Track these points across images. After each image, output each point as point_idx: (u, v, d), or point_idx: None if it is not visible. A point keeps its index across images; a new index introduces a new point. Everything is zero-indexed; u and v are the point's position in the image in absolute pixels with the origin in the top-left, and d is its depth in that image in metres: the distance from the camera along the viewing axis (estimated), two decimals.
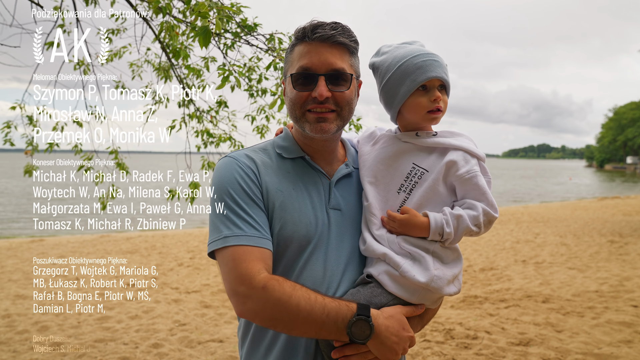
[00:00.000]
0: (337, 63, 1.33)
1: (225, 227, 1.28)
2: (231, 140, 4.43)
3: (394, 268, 1.32)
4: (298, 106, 1.36)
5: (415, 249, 1.33)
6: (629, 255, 8.29)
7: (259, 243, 1.27)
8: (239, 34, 3.56)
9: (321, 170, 1.44)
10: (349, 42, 1.35)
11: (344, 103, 1.36)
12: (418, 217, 1.33)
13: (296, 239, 1.33)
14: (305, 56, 1.34)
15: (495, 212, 1.35)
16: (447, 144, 1.38)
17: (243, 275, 1.22)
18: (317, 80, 1.33)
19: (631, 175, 68.84)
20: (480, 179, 1.35)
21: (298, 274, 1.33)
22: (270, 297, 1.19)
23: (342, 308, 1.22)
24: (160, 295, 6.04)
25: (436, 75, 1.36)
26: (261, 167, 1.38)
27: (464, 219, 1.31)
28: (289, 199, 1.35)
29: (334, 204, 1.41)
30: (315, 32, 1.32)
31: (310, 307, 1.20)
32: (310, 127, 1.35)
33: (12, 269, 7.32)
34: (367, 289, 1.33)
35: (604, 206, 18.24)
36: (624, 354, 4.02)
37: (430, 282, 1.30)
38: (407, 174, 1.39)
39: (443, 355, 4.13)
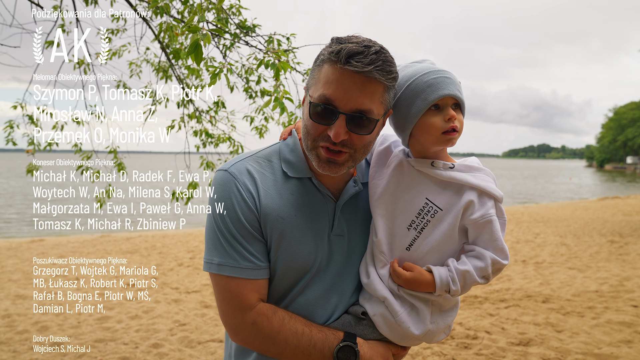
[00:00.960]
0: (365, 104, 1.17)
1: (219, 254, 1.27)
2: (230, 141, 4.43)
3: (391, 314, 1.30)
4: (311, 138, 1.24)
5: (415, 300, 1.31)
6: (629, 255, 8.29)
7: (252, 275, 1.27)
8: (238, 35, 3.57)
9: (328, 193, 1.34)
10: (386, 81, 1.19)
11: (360, 147, 1.23)
12: (423, 275, 1.28)
13: (293, 269, 1.31)
14: (332, 85, 1.18)
15: (504, 259, 1.28)
16: (464, 182, 1.28)
17: (235, 309, 1.27)
18: (337, 117, 1.18)
19: (631, 175, 68.84)
20: (495, 224, 1.28)
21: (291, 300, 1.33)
22: (259, 334, 1.25)
23: (328, 337, 1.27)
24: (160, 295, 6.04)
25: (449, 93, 1.26)
26: (262, 189, 1.29)
27: (470, 275, 1.26)
28: (290, 228, 1.29)
29: (337, 230, 1.35)
30: (350, 61, 1.14)
31: (297, 341, 1.25)
32: (319, 164, 1.25)
33: (12, 269, 7.32)
34: (360, 326, 1.33)
35: (604, 206, 18.24)
36: (624, 354, 4.02)
37: (424, 336, 1.31)
38: (420, 210, 1.30)
39: (443, 355, 4.13)
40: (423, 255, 1.30)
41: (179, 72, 4.28)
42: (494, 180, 1.34)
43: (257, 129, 4.30)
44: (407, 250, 1.31)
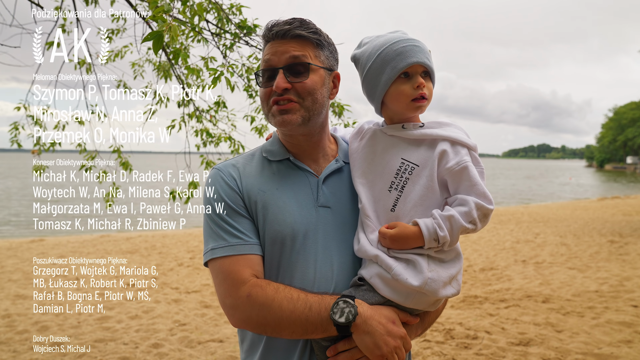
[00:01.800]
0: (295, 54, 1.32)
1: (212, 239, 1.33)
2: (231, 140, 4.44)
3: (386, 271, 1.26)
4: (265, 102, 1.37)
5: (408, 254, 1.28)
6: (629, 255, 8.29)
7: (241, 250, 1.30)
8: (239, 35, 3.57)
9: (308, 169, 1.41)
10: (307, 34, 1.33)
11: (305, 93, 1.33)
12: (408, 228, 1.27)
13: (280, 238, 1.32)
14: (267, 54, 1.36)
15: (488, 203, 1.26)
16: (435, 135, 1.32)
17: (229, 287, 1.27)
18: (277, 73, 1.33)
19: (631, 175, 68.84)
20: (472, 169, 1.28)
21: (288, 274, 1.32)
22: (255, 304, 1.24)
23: (325, 299, 1.24)
24: (160, 295, 6.04)
25: (417, 61, 1.30)
26: (243, 173, 1.39)
27: (456, 219, 1.24)
28: (272, 198, 1.35)
29: (322, 201, 1.38)
30: (271, 30, 1.34)
31: (292, 306, 1.22)
32: (275, 121, 1.35)
33: (12, 269, 7.32)
34: (359, 292, 1.29)
35: (604, 206, 18.24)
36: (624, 354, 4.02)
37: (424, 286, 1.24)
38: (397, 170, 1.32)
39: (443, 355, 4.13)
40: (407, 213, 1.31)
41: (179, 72, 4.28)
42: (466, 132, 1.37)
43: (257, 129, 4.30)
44: (391, 211, 1.32)
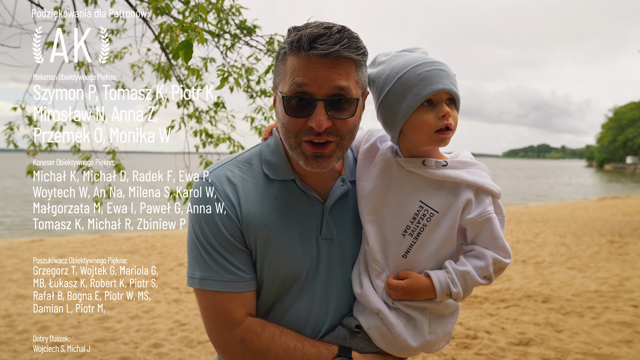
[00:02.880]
0: (341, 84, 1.09)
1: (200, 267, 1.20)
2: (230, 141, 4.44)
3: (387, 327, 1.22)
4: (293, 135, 1.14)
5: (411, 310, 1.23)
6: (629, 255, 8.29)
7: (236, 288, 1.19)
8: (238, 36, 3.57)
9: (314, 195, 1.25)
10: (356, 57, 1.10)
11: (346, 132, 1.14)
12: (420, 281, 1.20)
13: (281, 278, 1.22)
14: (300, 73, 1.09)
15: (506, 257, 1.20)
16: (460, 179, 1.19)
17: (222, 325, 1.19)
18: (315, 106, 1.09)
19: (631, 175, 68.84)
20: (494, 221, 1.19)
21: (283, 312, 1.25)
22: (248, 351, 1.17)
23: (322, 353, 1.18)
24: (160, 295, 6.04)
25: (443, 88, 1.15)
26: (243, 196, 1.21)
27: (471, 276, 1.18)
28: (275, 234, 1.21)
29: (325, 234, 1.26)
30: (313, 45, 1.06)
31: (289, 358, 1.16)
32: (306, 162, 1.15)
33: (12, 269, 7.32)
34: (355, 340, 1.26)
35: (603, 206, 18.24)
36: (624, 354, 4.02)
37: (422, 347, 1.24)
38: (414, 214, 1.20)
39: (443, 355, 4.14)
40: (421, 262, 1.22)
41: (179, 73, 4.28)
42: (489, 174, 1.25)
43: (257, 129, 4.30)
44: (403, 257, 1.22)
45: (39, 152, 4.01)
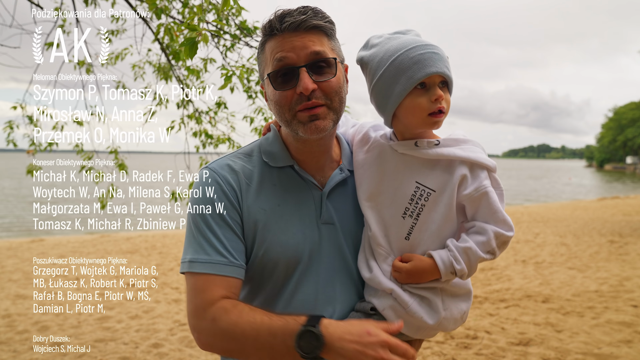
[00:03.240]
0: (317, 49, 1.17)
1: (192, 249, 1.20)
2: (230, 141, 4.44)
3: (402, 306, 1.21)
4: (286, 108, 1.19)
5: (423, 291, 1.22)
6: (629, 255, 8.29)
7: (222, 271, 1.18)
8: (238, 36, 3.57)
9: (312, 180, 1.29)
10: (324, 24, 1.19)
11: (333, 93, 1.19)
12: (424, 262, 1.20)
13: (283, 262, 1.22)
14: (279, 50, 1.17)
15: (508, 230, 1.19)
16: (453, 156, 1.20)
17: (198, 307, 1.17)
18: (299, 73, 1.16)
19: (631, 175, 68.84)
20: (492, 195, 1.20)
21: (288, 298, 1.23)
22: (218, 330, 1.14)
23: (289, 324, 1.11)
24: (161, 295, 6.04)
25: (437, 71, 1.16)
26: (243, 182, 1.25)
27: (473, 251, 1.18)
28: (274, 218, 1.23)
29: (326, 218, 1.27)
30: (283, 21, 1.16)
31: (255, 332, 1.11)
32: (304, 129, 1.19)
33: (12, 269, 7.32)
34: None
35: (603, 206, 18.24)
36: (624, 354, 4.02)
37: (439, 325, 1.22)
38: (412, 195, 1.21)
39: (443, 355, 4.14)
40: (424, 242, 1.22)
41: (179, 73, 4.28)
42: (483, 150, 1.25)
43: (257, 130, 4.30)
44: (406, 239, 1.23)
45: (39, 152, 4.02)
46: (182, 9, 3.04)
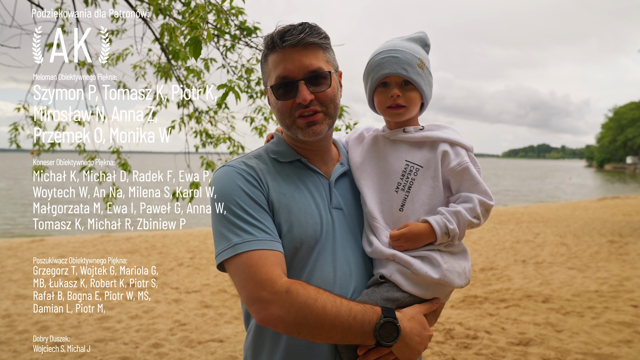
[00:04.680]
0: (313, 64, 1.34)
1: (235, 234, 1.25)
2: (230, 141, 4.44)
3: (406, 267, 1.33)
4: (287, 115, 1.37)
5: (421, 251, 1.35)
6: (629, 255, 8.29)
7: (272, 246, 1.25)
8: (238, 37, 3.57)
9: (319, 170, 1.45)
10: (320, 40, 1.36)
11: (328, 101, 1.37)
12: (419, 226, 1.34)
13: (305, 240, 1.32)
14: (280, 65, 1.34)
15: (490, 199, 1.37)
16: (436, 137, 1.40)
17: (264, 280, 1.18)
18: (297, 86, 1.33)
19: (631, 175, 68.84)
20: (472, 169, 1.38)
21: (308, 276, 1.31)
22: (295, 301, 1.16)
23: (367, 311, 1.22)
24: (161, 295, 6.04)
25: (389, 72, 1.38)
26: (260, 172, 1.38)
27: (462, 214, 1.34)
28: (293, 201, 1.35)
29: (335, 203, 1.42)
30: (284, 39, 1.32)
31: (336, 310, 1.18)
32: (303, 133, 1.36)
33: (12, 269, 7.32)
34: (382, 289, 1.33)
35: (603, 206, 18.24)
36: (624, 354, 4.02)
37: (443, 277, 1.32)
38: (402, 171, 1.40)
39: (443, 355, 4.14)
40: (416, 211, 1.38)
41: (179, 73, 4.28)
42: (460, 135, 1.45)
43: (257, 129, 4.30)
44: (400, 211, 1.38)
45: (45, 152, 4.02)
46: (185, 9, 3.04)
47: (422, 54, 1.42)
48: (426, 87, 1.43)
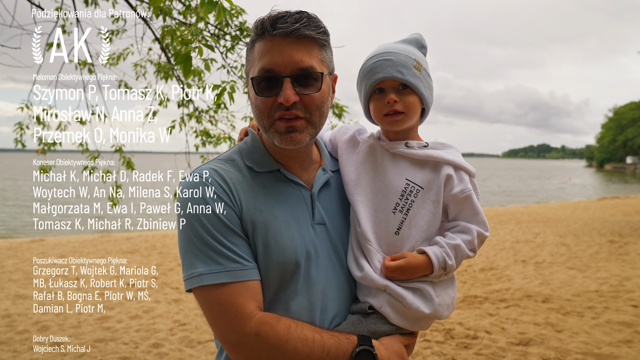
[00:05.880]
0: (304, 61, 1.15)
1: (201, 262, 1.13)
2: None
3: (398, 300, 1.25)
4: (265, 115, 1.18)
5: (414, 283, 1.27)
6: (629, 255, 8.28)
7: (243, 276, 1.14)
8: (238, 37, 3.57)
9: (299, 182, 1.28)
10: (317, 35, 1.17)
11: (314, 107, 1.18)
12: (417, 258, 1.25)
13: (282, 264, 1.19)
14: (266, 55, 1.15)
15: (487, 231, 1.30)
16: (440, 158, 1.29)
17: (232, 321, 1.11)
18: (282, 83, 1.15)
19: (631, 175, 68.82)
20: (474, 198, 1.30)
21: (288, 300, 1.21)
22: (265, 344, 1.11)
23: (342, 342, 1.15)
24: (161, 295, 6.04)
25: (384, 76, 1.26)
26: (232, 185, 1.20)
27: (461, 249, 1.26)
28: (271, 218, 1.20)
29: (318, 218, 1.27)
30: (275, 25, 1.13)
31: (308, 350, 1.11)
32: (280, 139, 1.19)
33: (12, 269, 7.32)
34: (370, 321, 1.26)
35: (603, 206, 18.24)
36: (624, 354, 4.02)
37: (435, 312, 1.26)
38: (402, 191, 1.27)
39: (443, 355, 4.14)
40: (412, 237, 1.28)
41: (179, 73, 4.29)
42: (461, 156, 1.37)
43: None
44: (396, 234, 1.27)
45: (50, 152, 4.04)
46: (185, 10, 3.04)
47: (418, 55, 1.31)
48: (425, 90, 1.31)
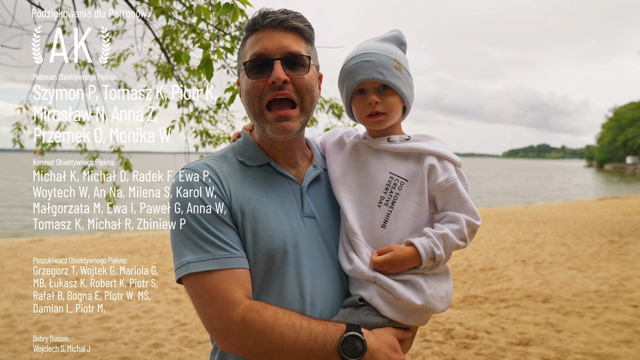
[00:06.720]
0: (293, 46, 1.24)
1: (190, 250, 1.17)
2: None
3: (388, 291, 1.24)
4: (256, 99, 1.24)
5: (404, 275, 1.26)
6: (629, 255, 8.29)
7: (229, 264, 1.16)
8: (239, 37, 3.57)
9: (289, 175, 1.32)
10: (303, 27, 1.27)
11: (304, 90, 1.25)
12: (404, 250, 1.24)
13: (271, 252, 1.21)
14: (258, 44, 1.24)
15: (477, 220, 1.28)
16: (422, 149, 1.30)
17: (220, 309, 1.13)
18: (273, 64, 1.22)
19: (631, 175, 68.81)
20: (460, 186, 1.28)
21: (276, 291, 1.22)
22: (252, 330, 1.11)
23: (330, 329, 1.15)
24: (161, 295, 6.05)
25: (365, 78, 1.27)
26: (223, 177, 1.25)
27: (450, 237, 1.24)
28: (259, 207, 1.23)
29: (308, 211, 1.30)
30: (266, 18, 1.24)
31: (295, 336, 1.12)
32: (271, 128, 1.24)
33: (12, 269, 7.32)
34: (360, 313, 1.25)
35: (603, 206, 18.24)
36: (624, 354, 4.02)
37: (426, 303, 1.24)
38: (386, 184, 1.29)
39: (443, 355, 4.14)
40: (399, 229, 1.28)
41: (179, 74, 4.29)
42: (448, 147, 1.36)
43: None
44: (382, 227, 1.28)
45: (49, 152, 4.03)
46: (187, 10, 3.04)
47: (398, 54, 1.32)
48: (406, 89, 1.32)
